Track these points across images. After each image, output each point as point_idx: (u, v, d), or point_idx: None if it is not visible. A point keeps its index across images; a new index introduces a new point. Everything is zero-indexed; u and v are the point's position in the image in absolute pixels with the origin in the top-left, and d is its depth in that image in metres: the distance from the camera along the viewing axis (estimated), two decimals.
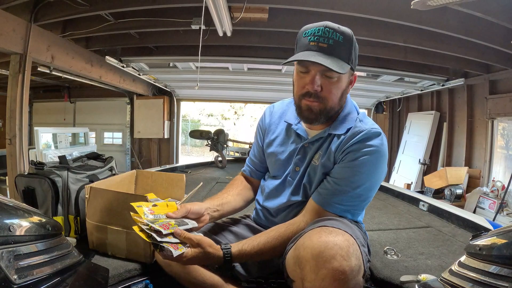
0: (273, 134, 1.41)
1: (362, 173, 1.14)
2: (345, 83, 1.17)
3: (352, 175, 1.14)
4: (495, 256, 0.84)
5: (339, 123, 1.22)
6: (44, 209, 1.57)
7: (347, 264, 0.88)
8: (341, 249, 0.90)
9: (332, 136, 1.22)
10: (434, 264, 1.50)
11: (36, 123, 7.54)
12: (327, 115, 1.18)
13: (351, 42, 1.12)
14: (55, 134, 6.25)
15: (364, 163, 1.13)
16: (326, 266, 0.88)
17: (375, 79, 5.42)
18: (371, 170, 1.14)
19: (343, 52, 1.11)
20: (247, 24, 3.33)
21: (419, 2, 2.34)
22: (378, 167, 1.15)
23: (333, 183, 1.17)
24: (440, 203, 2.49)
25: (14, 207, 0.89)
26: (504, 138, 4.82)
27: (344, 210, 1.16)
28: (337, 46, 1.09)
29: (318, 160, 1.23)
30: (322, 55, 1.08)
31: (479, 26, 3.23)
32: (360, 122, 1.21)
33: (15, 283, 0.74)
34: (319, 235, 0.94)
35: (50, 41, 3.67)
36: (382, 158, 1.15)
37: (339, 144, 1.18)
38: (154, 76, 5.93)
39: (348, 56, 1.12)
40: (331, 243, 0.90)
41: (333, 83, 1.13)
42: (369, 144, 1.13)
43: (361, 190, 1.15)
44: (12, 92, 3.29)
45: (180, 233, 1.08)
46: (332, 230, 0.96)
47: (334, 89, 1.14)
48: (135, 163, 7.57)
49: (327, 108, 1.16)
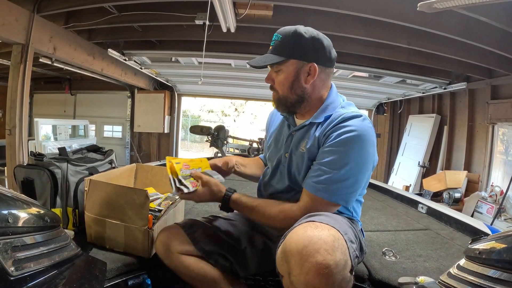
0: (272, 127, 1.54)
1: (343, 152, 1.15)
2: (290, 74, 1.25)
3: (334, 156, 1.16)
4: (494, 260, 0.84)
5: (320, 112, 1.29)
6: (43, 201, 1.56)
7: (331, 258, 0.89)
8: (326, 243, 0.90)
9: (316, 125, 1.28)
10: (432, 267, 1.51)
11: (36, 114, 7.54)
12: (285, 104, 1.31)
13: (291, 38, 1.22)
14: (55, 126, 6.25)
15: (344, 142, 1.15)
16: (310, 260, 0.88)
17: (377, 80, 5.41)
18: (353, 149, 1.15)
19: (281, 48, 1.24)
20: (251, 21, 3.31)
21: (425, 5, 2.33)
22: (360, 147, 1.15)
23: (318, 167, 1.19)
24: (439, 206, 2.48)
25: (12, 198, 0.89)
26: (503, 144, 4.82)
27: (335, 196, 1.17)
28: (277, 45, 1.25)
29: (304, 148, 1.27)
30: (265, 55, 1.27)
31: (483, 30, 3.21)
32: (341, 108, 1.28)
33: (12, 275, 0.73)
34: (305, 229, 0.96)
35: (52, 32, 3.65)
36: (363, 138, 1.16)
37: (322, 130, 1.24)
38: (156, 70, 5.91)
39: (288, 50, 1.23)
40: (316, 237, 0.92)
41: (278, 75, 1.28)
42: (347, 124, 1.17)
43: (345, 171, 1.14)
44: (13, 82, 3.27)
45: (194, 173, 1.30)
46: (318, 225, 0.97)
47: (280, 81, 1.28)
48: (135, 157, 7.57)
49: (281, 97, 1.30)
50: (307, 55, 1.23)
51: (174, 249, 1.29)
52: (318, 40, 1.23)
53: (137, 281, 1.36)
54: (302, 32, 1.22)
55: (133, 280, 1.35)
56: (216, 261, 1.31)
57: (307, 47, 1.22)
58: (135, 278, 1.36)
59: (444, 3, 2.27)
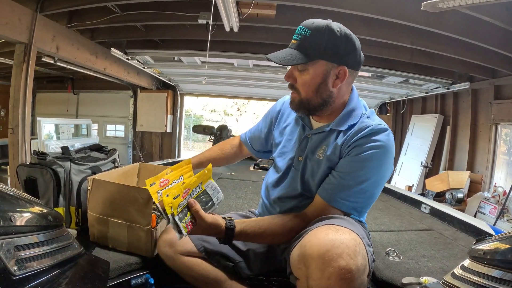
0: (284, 123, 1.44)
1: (368, 167, 1.13)
2: (318, 76, 1.15)
3: (358, 169, 1.13)
4: (498, 261, 0.84)
5: (342, 118, 1.22)
6: (46, 200, 1.56)
7: (353, 263, 0.87)
8: (348, 248, 0.89)
9: (337, 132, 1.22)
10: (436, 267, 1.50)
11: (39, 113, 7.56)
12: (307, 107, 1.21)
13: (322, 34, 1.11)
14: (57, 125, 6.26)
15: (370, 157, 1.12)
16: (333, 264, 0.87)
17: (380, 80, 5.39)
18: (377, 165, 1.13)
19: (310, 46, 1.12)
20: (254, 20, 3.31)
21: (429, 4, 2.32)
22: (384, 162, 1.14)
23: (339, 177, 1.16)
24: (442, 207, 2.47)
25: (15, 197, 0.89)
26: (506, 144, 4.81)
27: (350, 207, 1.15)
28: (304, 41, 1.13)
29: (322, 154, 1.22)
30: (288, 50, 1.15)
31: (486, 30, 3.21)
32: (367, 118, 1.21)
33: (14, 274, 0.73)
34: (326, 233, 0.93)
35: (55, 31, 3.66)
36: (388, 154, 1.14)
37: (345, 139, 1.18)
38: (159, 70, 5.92)
39: (319, 50, 1.12)
40: (338, 242, 0.89)
41: (303, 75, 1.17)
42: (375, 139, 1.13)
43: (366, 185, 1.13)
44: (16, 81, 3.28)
45: (193, 210, 1.09)
46: (338, 228, 0.95)
47: (305, 81, 1.17)
48: (137, 156, 7.59)
49: (303, 99, 1.20)
50: (338, 57, 1.14)
51: (176, 250, 1.29)
52: (351, 41, 1.15)
53: (140, 281, 1.36)
54: (335, 29, 1.11)
55: (136, 280, 1.35)
56: (219, 262, 1.31)
57: (340, 48, 1.13)
58: (138, 278, 1.35)
59: (448, 3, 2.26)
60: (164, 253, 1.31)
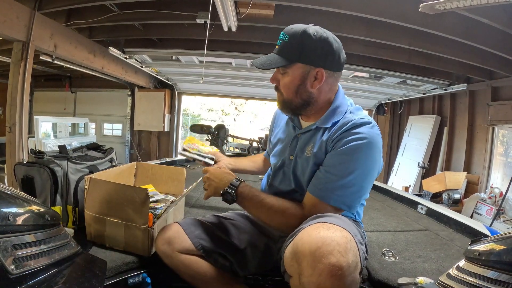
0: (278, 126, 1.52)
1: (352, 160, 1.15)
2: (296, 78, 1.22)
3: (342, 162, 1.16)
4: (493, 262, 0.84)
5: (327, 116, 1.27)
6: (43, 199, 1.56)
7: (344, 260, 0.88)
8: (339, 245, 0.90)
9: (323, 129, 1.27)
10: (431, 268, 1.51)
11: (36, 111, 7.52)
12: (290, 107, 1.29)
13: (299, 39, 1.18)
14: (55, 123, 6.25)
15: (353, 149, 1.14)
16: (323, 261, 0.88)
17: (378, 80, 5.41)
18: (361, 157, 1.15)
19: (287, 50, 1.21)
20: (253, 20, 3.31)
21: (427, 6, 2.33)
22: (368, 154, 1.15)
23: (324, 172, 1.19)
24: (439, 207, 2.49)
25: (12, 196, 0.88)
26: (503, 145, 4.82)
27: (338, 201, 1.17)
28: (283, 46, 1.22)
29: (310, 152, 1.26)
30: (271, 55, 1.24)
31: (484, 32, 3.22)
32: (350, 114, 1.26)
33: (12, 273, 0.73)
34: (317, 230, 0.95)
35: (53, 29, 3.65)
36: (372, 146, 1.15)
37: (330, 135, 1.22)
38: (156, 69, 5.91)
39: (295, 53, 1.19)
40: (329, 239, 0.91)
41: (284, 77, 1.25)
42: (358, 131, 1.16)
43: (352, 178, 1.15)
44: (14, 79, 3.27)
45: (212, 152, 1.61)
46: (330, 226, 0.96)
47: (285, 83, 1.25)
48: (134, 155, 7.58)
49: (285, 100, 1.28)
50: (314, 59, 1.19)
51: (174, 248, 1.29)
52: (328, 43, 1.18)
53: (137, 280, 1.36)
54: (311, 34, 1.17)
55: (133, 279, 1.35)
56: (216, 261, 1.32)
57: (315, 51, 1.18)
58: (135, 277, 1.36)
59: (446, 4, 2.27)
60: (162, 251, 1.31)
